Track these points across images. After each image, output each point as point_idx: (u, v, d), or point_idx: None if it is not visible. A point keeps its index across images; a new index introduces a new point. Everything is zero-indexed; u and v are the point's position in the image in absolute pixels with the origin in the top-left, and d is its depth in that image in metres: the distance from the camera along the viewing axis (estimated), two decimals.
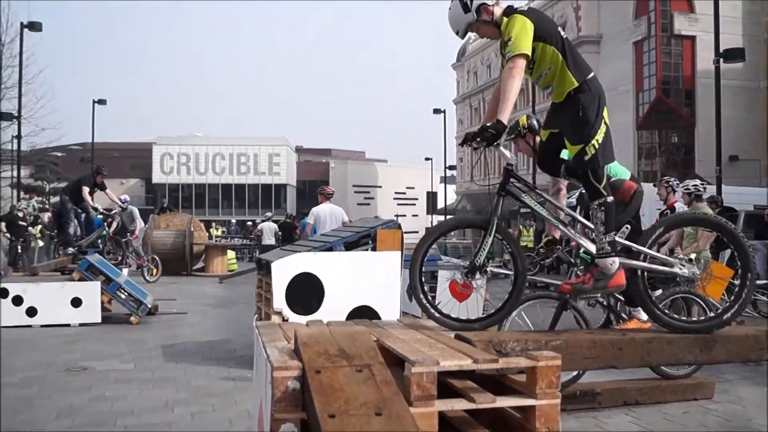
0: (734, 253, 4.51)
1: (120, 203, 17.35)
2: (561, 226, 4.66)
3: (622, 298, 6.58)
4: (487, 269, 4.46)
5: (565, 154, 4.83)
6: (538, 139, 5.24)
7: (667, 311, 4.54)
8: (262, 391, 3.49)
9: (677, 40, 40.19)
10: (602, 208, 4.46)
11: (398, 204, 75.64)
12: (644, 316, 6.18)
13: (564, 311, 6.38)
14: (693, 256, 4.65)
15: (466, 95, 68.94)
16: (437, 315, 4.34)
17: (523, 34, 4.35)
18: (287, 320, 7.24)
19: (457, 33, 4.74)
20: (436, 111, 48.75)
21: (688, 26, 39.43)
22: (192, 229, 23.82)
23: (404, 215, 66.60)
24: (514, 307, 4.33)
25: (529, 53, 4.36)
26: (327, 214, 13.06)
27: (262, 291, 8.77)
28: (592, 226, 4.57)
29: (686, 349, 4.09)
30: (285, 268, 7.88)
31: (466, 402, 3.13)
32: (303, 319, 6.82)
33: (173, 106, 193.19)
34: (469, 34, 4.84)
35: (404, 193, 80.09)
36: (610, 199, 4.49)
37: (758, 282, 8.30)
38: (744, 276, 4.42)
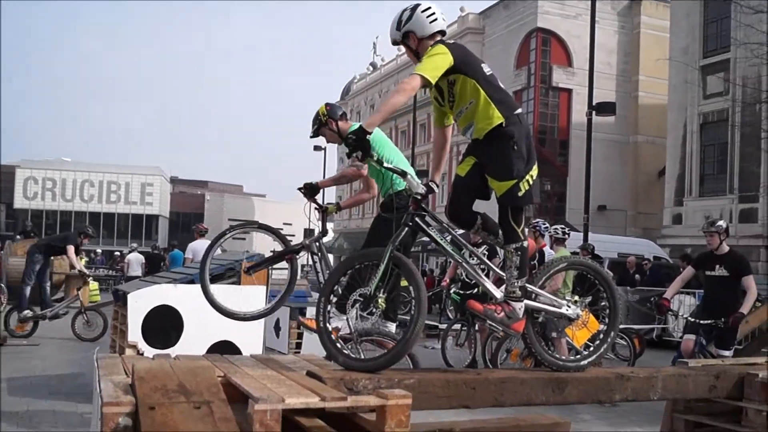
0: (607, 309, 4.68)
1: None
2: (466, 265, 4.43)
3: None
4: (379, 300, 4.12)
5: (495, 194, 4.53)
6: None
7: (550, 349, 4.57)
8: (96, 428, 3.25)
9: (555, 92, 41.46)
10: (518, 252, 4.32)
11: (274, 240, 74.46)
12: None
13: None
14: (576, 298, 4.64)
15: None
16: (338, 355, 3.99)
17: (435, 60, 4.16)
18: (142, 354, 6.91)
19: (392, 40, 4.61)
20: (317, 148, 48.62)
21: (565, 79, 40.78)
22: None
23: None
24: (413, 342, 3.94)
25: (431, 80, 4.13)
26: (203, 249, 13.05)
27: (117, 323, 8.39)
28: (496, 268, 4.47)
29: (539, 389, 4.06)
30: (142, 300, 7.59)
31: None
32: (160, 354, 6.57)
33: (40, 128, 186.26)
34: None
35: (281, 229, 78.81)
36: (526, 243, 4.37)
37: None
38: (608, 332, 4.67)
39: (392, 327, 5.76)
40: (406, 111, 44.27)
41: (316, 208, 6.29)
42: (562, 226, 11.19)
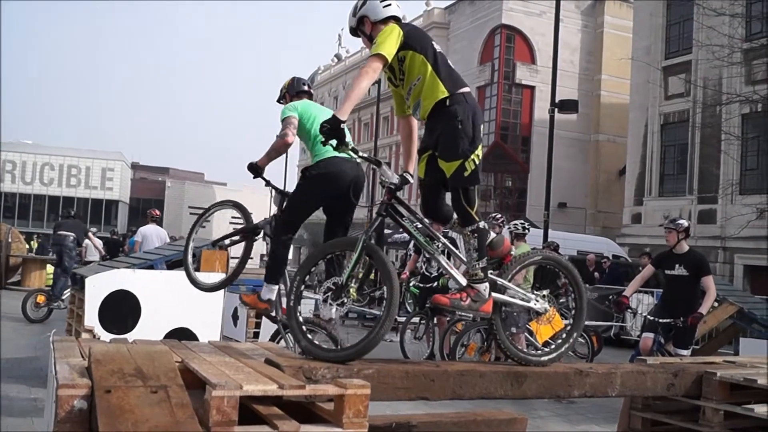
0: (573, 309, 4.72)
1: None
2: (438, 256, 4.43)
3: None
4: (350, 290, 4.12)
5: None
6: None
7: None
8: (50, 411, 3.20)
9: (518, 89, 41.55)
10: (475, 234, 4.31)
11: (234, 228, 73.60)
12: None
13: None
14: (546, 292, 4.66)
15: None
16: (305, 343, 3.98)
17: (387, 39, 4.19)
18: (98, 339, 6.84)
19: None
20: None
21: (529, 76, 40.92)
22: (10, 240, 22.50)
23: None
24: (377, 342, 3.88)
25: (388, 56, 4.15)
26: (153, 234, 14.27)
27: (74, 307, 8.29)
28: (464, 258, 4.45)
29: (498, 383, 4.06)
30: (100, 284, 7.50)
31: (269, 429, 2.95)
32: (117, 338, 6.49)
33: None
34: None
35: (240, 218, 77.98)
36: (482, 224, 4.36)
37: None
38: (572, 331, 4.70)
39: (332, 311, 5.77)
40: (370, 103, 44.28)
41: (278, 192, 6.34)
42: (522, 221, 11.24)
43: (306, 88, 6.33)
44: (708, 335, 11.85)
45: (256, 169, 5.99)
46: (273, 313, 6.07)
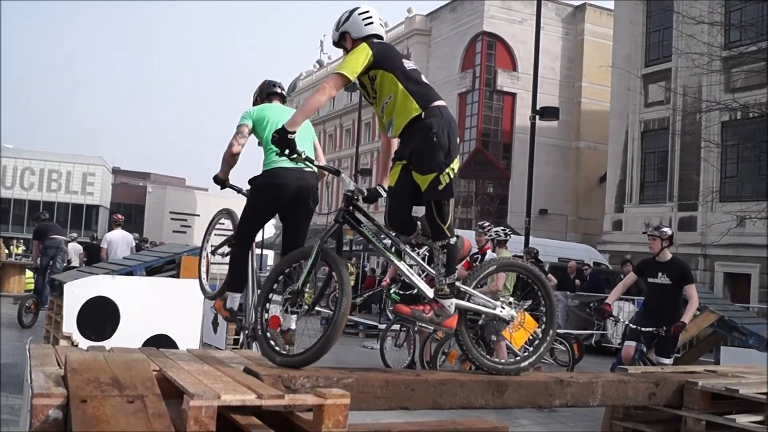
0: (543, 309, 4.66)
1: None
2: (396, 262, 4.42)
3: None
4: (305, 295, 4.16)
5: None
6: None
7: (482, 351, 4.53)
8: (26, 420, 3.16)
9: (499, 96, 41.68)
10: (444, 250, 4.30)
11: (215, 234, 73.22)
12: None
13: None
14: (511, 299, 4.64)
15: None
16: (266, 347, 4.01)
17: (354, 59, 4.21)
18: (77, 346, 6.77)
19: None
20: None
21: (510, 83, 41.06)
22: None
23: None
24: (332, 342, 3.87)
25: (350, 75, 4.16)
26: (120, 239, 14.57)
27: (52, 313, 8.21)
28: (428, 268, 4.44)
29: (479, 392, 4.04)
30: (78, 290, 7.42)
31: None
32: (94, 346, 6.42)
33: None
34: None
35: (223, 223, 77.26)
36: (453, 240, 4.32)
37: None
38: (546, 332, 4.63)
39: (292, 321, 5.79)
40: (352, 110, 44.19)
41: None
42: (503, 228, 11.23)
43: (277, 90, 6.27)
44: (689, 343, 11.83)
45: (221, 182, 6.10)
46: (239, 319, 6.10)
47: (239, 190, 6.30)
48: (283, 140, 4.03)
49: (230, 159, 5.97)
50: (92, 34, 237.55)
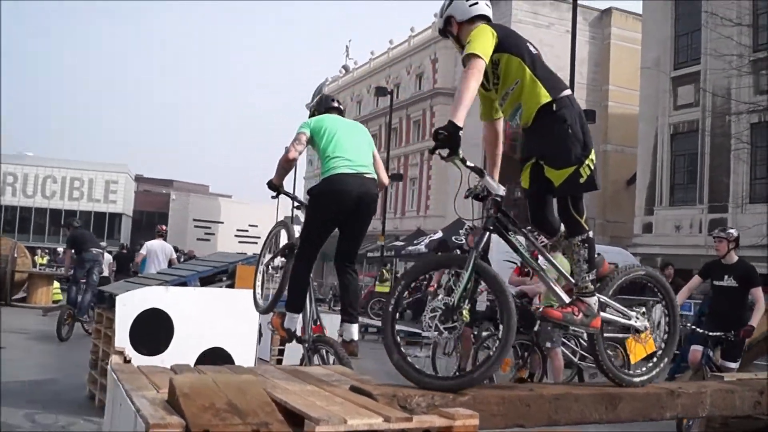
0: (666, 318, 4.52)
1: None
2: (540, 271, 4.23)
3: None
4: (463, 312, 3.74)
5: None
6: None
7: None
8: None
9: None
10: (585, 244, 4.13)
11: (239, 242, 73.33)
12: None
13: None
14: (644, 310, 4.42)
15: None
16: (417, 376, 3.65)
17: (481, 39, 3.92)
18: (129, 361, 6.59)
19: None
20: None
21: None
22: (15, 255, 22.09)
23: (245, 253, 64.76)
24: (500, 363, 3.70)
25: (484, 56, 3.85)
26: (158, 249, 15.06)
27: (101, 327, 7.99)
28: (565, 272, 4.29)
29: (593, 406, 3.84)
30: (131, 303, 7.24)
31: None
32: (147, 360, 6.22)
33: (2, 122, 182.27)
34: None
35: (246, 231, 77.62)
36: (591, 234, 4.17)
37: None
38: (663, 356, 4.48)
39: (354, 330, 5.64)
40: (380, 114, 44.01)
41: (296, 207, 6.32)
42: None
43: (335, 104, 6.26)
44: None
45: (275, 188, 6.02)
46: (298, 335, 5.87)
47: (294, 198, 6.26)
48: (450, 137, 3.66)
49: (286, 165, 5.90)
50: (116, 42, 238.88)
